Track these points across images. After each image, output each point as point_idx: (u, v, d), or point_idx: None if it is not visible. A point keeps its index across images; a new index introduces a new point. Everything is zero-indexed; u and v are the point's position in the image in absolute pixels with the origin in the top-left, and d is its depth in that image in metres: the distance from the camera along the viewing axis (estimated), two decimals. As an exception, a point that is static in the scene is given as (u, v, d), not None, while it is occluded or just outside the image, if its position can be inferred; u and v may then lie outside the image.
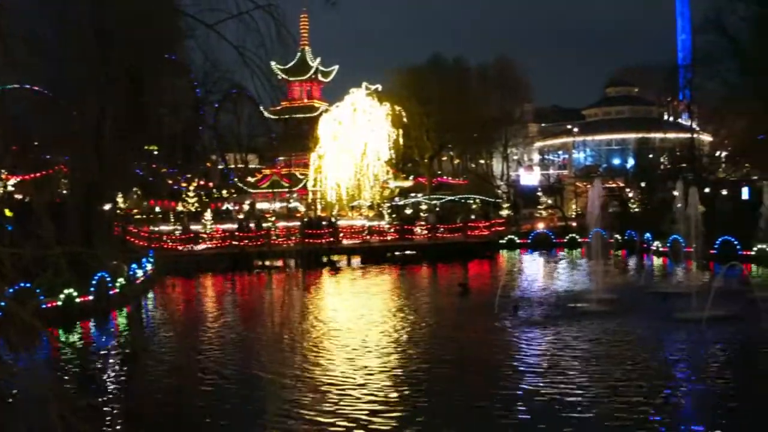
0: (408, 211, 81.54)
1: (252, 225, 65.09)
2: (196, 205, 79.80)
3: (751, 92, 73.50)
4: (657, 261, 56.71)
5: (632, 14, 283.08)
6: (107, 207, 46.09)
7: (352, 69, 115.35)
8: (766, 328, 26.50)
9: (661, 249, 58.20)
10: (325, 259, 60.64)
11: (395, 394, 19.69)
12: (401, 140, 76.91)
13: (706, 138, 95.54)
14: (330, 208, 77.11)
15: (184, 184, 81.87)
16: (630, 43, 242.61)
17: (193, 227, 66.09)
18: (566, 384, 19.84)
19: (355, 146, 75.06)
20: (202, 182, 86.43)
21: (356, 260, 62.07)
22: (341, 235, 65.16)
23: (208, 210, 71.41)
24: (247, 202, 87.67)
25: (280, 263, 60.72)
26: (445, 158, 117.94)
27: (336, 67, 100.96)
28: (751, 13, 77.19)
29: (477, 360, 24.03)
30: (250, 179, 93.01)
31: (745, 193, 77.14)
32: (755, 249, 50.23)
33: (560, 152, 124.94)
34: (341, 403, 18.78)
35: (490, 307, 32.32)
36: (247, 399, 19.74)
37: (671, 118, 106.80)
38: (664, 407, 17.94)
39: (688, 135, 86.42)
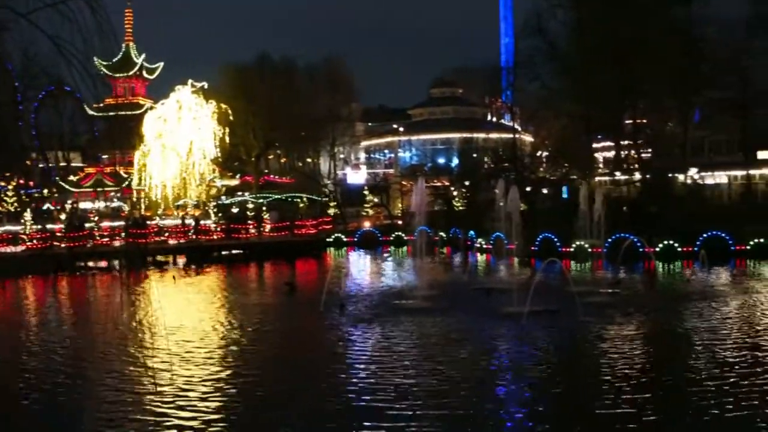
0: (234, 210, 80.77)
1: (76, 224, 63.13)
2: (16, 204, 76.86)
3: (570, 94, 76.04)
4: (481, 258, 57.83)
5: (458, 17, 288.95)
6: None
7: (179, 66, 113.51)
8: (583, 321, 27.36)
9: (484, 246, 59.41)
10: (150, 259, 59.48)
11: (224, 394, 19.34)
12: (227, 138, 75.99)
13: (528, 138, 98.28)
14: (155, 207, 75.58)
15: (2, 183, 78.86)
16: (456, 45, 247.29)
17: (12, 228, 63.58)
18: (392, 380, 19.92)
19: (180, 144, 73.73)
20: (21, 181, 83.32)
21: (182, 260, 61.08)
22: (166, 234, 64.04)
23: (28, 210, 68.81)
24: (70, 201, 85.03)
25: (104, 264, 59.18)
26: (272, 157, 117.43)
27: (161, 63, 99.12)
28: (570, 18, 79.95)
29: (302, 358, 23.91)
30: (72, 178, 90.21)
31: (564, 192, 79.54)
32: (574, 246, 51.82)
33: (386, 151, 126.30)
34: (167, 404, 18.30)
35: (317, 305, 32.26)
36: (64, 404, 19.12)
37: (494, 119, 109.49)
38: (487, 397, 18.23)
39: (510, 135, 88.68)
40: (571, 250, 52.04)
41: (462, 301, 33.89)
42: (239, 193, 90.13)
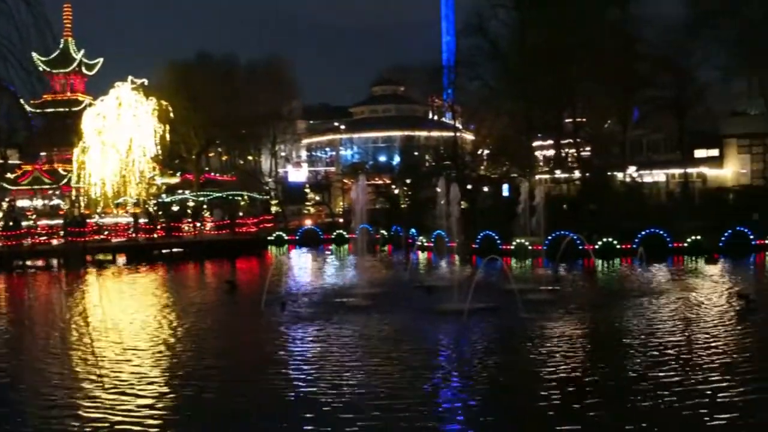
0: (175, 208, 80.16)
1: (12, 223, 62.11)
2: (-50, 202, 75.65)
3: (511, 94, 76.63)
4: (422, 256, 57.97)
5: (400, 15, 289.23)
6: None
7: (119, 62, 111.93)
8: (523, 318, 27.51)
9: (425, 244, 59.59)
10: (90, 258, 58.82)
11: (162, 395, 19.09)
12: (168, 136, 75.39)
13: (469, 137, 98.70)
14: (94, 205, 74.75)
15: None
16: (398, 43, 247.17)
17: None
18: (332, 378, 19.85)
19: (120, 142, 73.00)
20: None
21: (122, 259, 60.46)
22: (106, 233, 63.37)
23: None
24: (7, 199, 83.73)
25: (42, 263, 58.40)
26: (212, 154, 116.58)
27: (101, 60, 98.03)
28: (511, 18, 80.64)
29: (243, 357, 23.75)
30: (9, 176, 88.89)
31: (505, 190, 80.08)
32: (514, 243, 52.15)
33: (328, 149, 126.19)
34: (107, 405, 17.99)
35: (258, 303, 32.08)
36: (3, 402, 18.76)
37: (435, 117, 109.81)
38: (426, 397, 18.22)
39: (452, 134, 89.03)
40: (512, 247, 52.37)
41: (403, 299, 33.91)
42: (180, 191, 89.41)
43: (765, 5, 69.64)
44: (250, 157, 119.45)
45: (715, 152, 78.63)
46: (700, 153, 78.29)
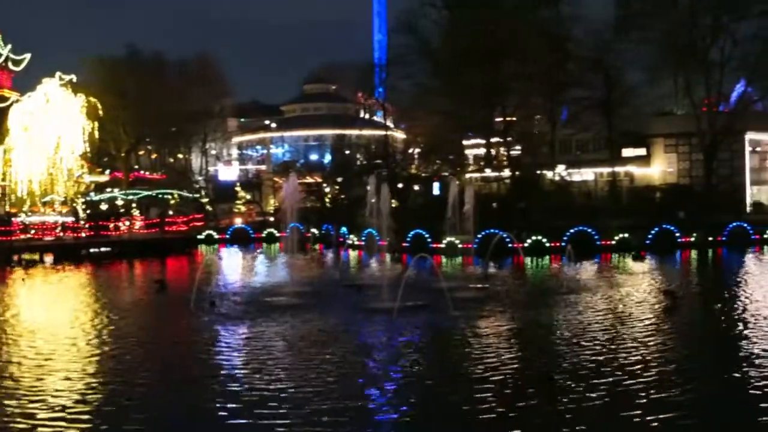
0: (103, 207, 79.13)
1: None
2: None
3: (441, 92, 76.99)
4: (353, 254, 58.01)
5: (332, 12, 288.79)
6: None
7: (47, 58, 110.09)
8: (452, 316, 27.62)
9: (356, 242, 59.69)
10: (16, 258, 57.86)
11: (79, 401, 18.67)
12: (97, 133, 74.31)
13: (400, 135, 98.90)
14: (21, 203, 73.45)
15: None
16: (330, 41, 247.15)
17: None
18: (266, 378, 19.71)
19: (47, 139, 71.73)
20: None
21: (50, 258, 59.53)
22: (33, 232, 62.37)
23: None
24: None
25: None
26: (142, 152, 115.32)
27: (28, 55, 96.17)
28: (442, 17, 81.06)
29: (170, 359, 23.45)
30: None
31: (436, 188, 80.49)
32: (444, 242, 52.40)
33: (259, 147, 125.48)
34: (19, 413, 17.55)
35: (187, 303, 31.77)
36: None
37: (367, 116, 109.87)
38: (356, 396, 18.16)
39: (383, 132, 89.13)
40: (442, 246, 52.63)
41: (333, 298, 33.94)
42: (108, 190, 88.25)
43: (690, 7, 70.81)
44: (180, 156, 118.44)
45: (642, 151, 79.72)
46: (627, 152, 79.31)
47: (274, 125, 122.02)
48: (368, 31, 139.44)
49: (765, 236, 59.44)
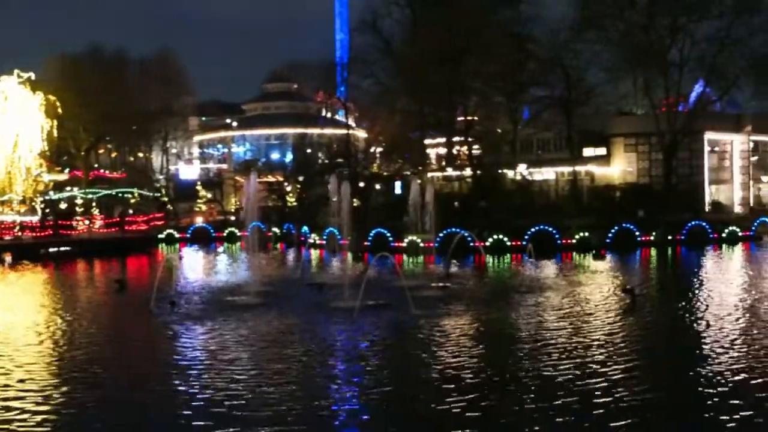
0: (63, 206, 78.50)
1: None
2: None
3: (403, 91, 77.13)
4: (314, 253, 57.91)
5: (294, 11, 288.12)
6: None
7: (4, 56, 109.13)
8: (413, 315, 27.64)
9: (317, 241, 59.60)
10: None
11: (40, 402, 18.44)
12: (56, 132, 73.71)
13: (362, 134, 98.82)
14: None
15: None
16: (291, 40, 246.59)
17: None
18: (225, 379, 19.59)
19: (5, 137, 71.05)
20: None
21: (8, 258, 58.86)
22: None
23: None
24: None
25: None
26: (102, 151, 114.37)
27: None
28: (404, 16, 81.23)
29: (129, 360, 23.25)
30: None
31: (397, 187, 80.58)
32: (406, 240, 52.45)
33: (220, 146, 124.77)
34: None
35: (147, 302, 31.55)
36: None
37: (329, 115, 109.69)
38: (318, 397, 18.09)
39: (345, 131, 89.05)
40: (404, 245, 52.70)
41: (295, 297, 33.91)
42: (68, 189, 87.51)
43: (648, 8, 71.33)
44: (140, 154, 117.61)
45: (602, 151, 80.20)
46: (588, 152, 79.79)
47: (235, 124, 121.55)
48: (330, 30, 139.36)
49: (723, 235, 60.04)
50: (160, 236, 71.54)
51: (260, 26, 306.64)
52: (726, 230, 60.72)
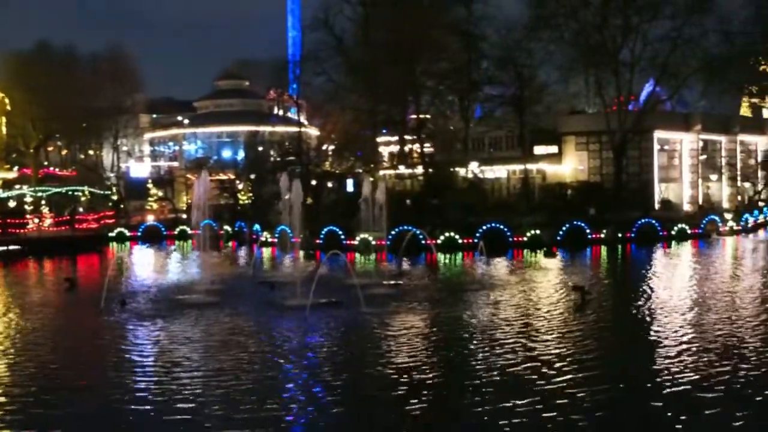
0: (12, 204, 77.52)
1: None
2: None
3: (355, 89, 77.12)
4: (266, 251, 57.72)
5: (246, 8, 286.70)
6: None
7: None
8: (365, 313, 27.69)
9: (269, 240, 59.42)
10: None
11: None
12: (5, 129, 72.94)
13: (314, 132, 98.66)
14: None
15: None
16: (244, 37, 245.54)
17: None
18: (175, 379, 19.47)
19: (-47, 134, 70.32)
20: None
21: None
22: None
23: None
24: None
25: None
26: (52, 148, 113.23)
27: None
28: (357, 14, 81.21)
29: (79, 360, 22.99)
30: None
31: (349, 185, 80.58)
32: (358, 238, 52.46)
33: (171, 144, 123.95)
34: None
35: (97, 302, 31.26)
36: None
37: (281, 112, 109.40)
38: (270, 396, 18.06)
39: (296, 129, 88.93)
40: (356, 242, 52.71)
41: (247, 295, 33.82)
42: (17, 187, 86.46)
43: (601, 8, 71.85)
44: (91, 152, 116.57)
45: (554, 149, 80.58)
46: (540, 150, 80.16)
47: (186, 121, 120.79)
48: (282, 28, 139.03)
49: (672, 233, 60.67)
50: (110, 235, 70.91)
51: (213, 23, 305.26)
52: (675, 228, 61.34)
